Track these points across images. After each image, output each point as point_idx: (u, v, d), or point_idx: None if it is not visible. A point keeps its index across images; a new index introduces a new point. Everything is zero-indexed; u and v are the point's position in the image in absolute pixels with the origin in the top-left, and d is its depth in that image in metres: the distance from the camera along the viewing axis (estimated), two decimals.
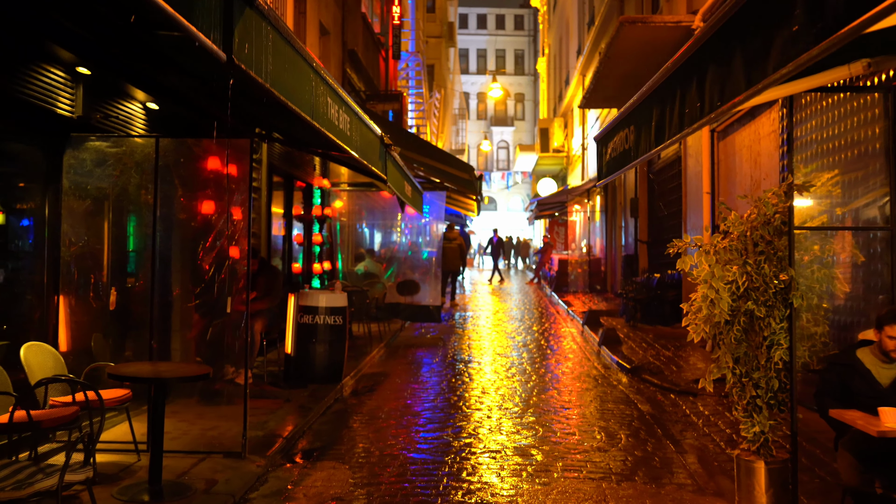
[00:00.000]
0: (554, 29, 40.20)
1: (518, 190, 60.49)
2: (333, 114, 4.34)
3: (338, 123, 4.46)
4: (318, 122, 3.95)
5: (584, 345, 12.43)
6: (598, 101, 18.04)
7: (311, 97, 3.82)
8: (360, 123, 5.15)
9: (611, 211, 21.43)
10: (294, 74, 3.58)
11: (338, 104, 4.49)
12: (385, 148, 6.19)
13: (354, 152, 4.97)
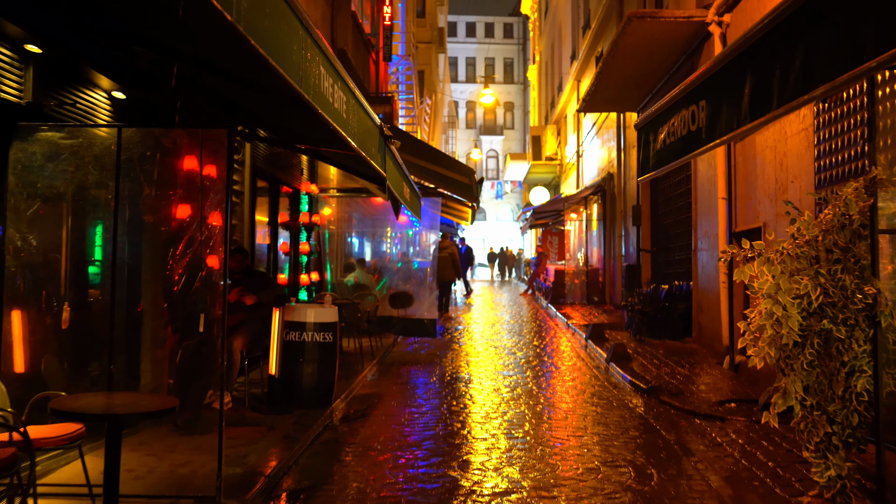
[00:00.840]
0: (545, 35, 39.56)
1: (508, 199, 59.81)
2: (328, 88, 3.52)
3: (332, 101, 3.64)
4: (309, 95, 3.13)
5: (589, 361, 11.61)
6: (597, 105, 17.30)
7: (300, 60, 3.00)
8: (357, 107, 4.34)
9: (609, 219, 20.66)
10: (277, 24, 2.76)
11: (333, 77, 3.67)
12: (385, 140, 5.38)
13: (352, 140, 4.15)
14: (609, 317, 17.19)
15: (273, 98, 4.72)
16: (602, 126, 21.61)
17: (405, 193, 7.28)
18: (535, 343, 13.82)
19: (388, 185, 5.74)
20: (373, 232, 16.04)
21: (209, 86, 5.35)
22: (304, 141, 6.43)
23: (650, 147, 5.02)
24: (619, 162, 19.24)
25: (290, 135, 6.68)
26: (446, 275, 18.00)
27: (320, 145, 6.07)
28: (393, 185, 6.07)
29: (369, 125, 4.80)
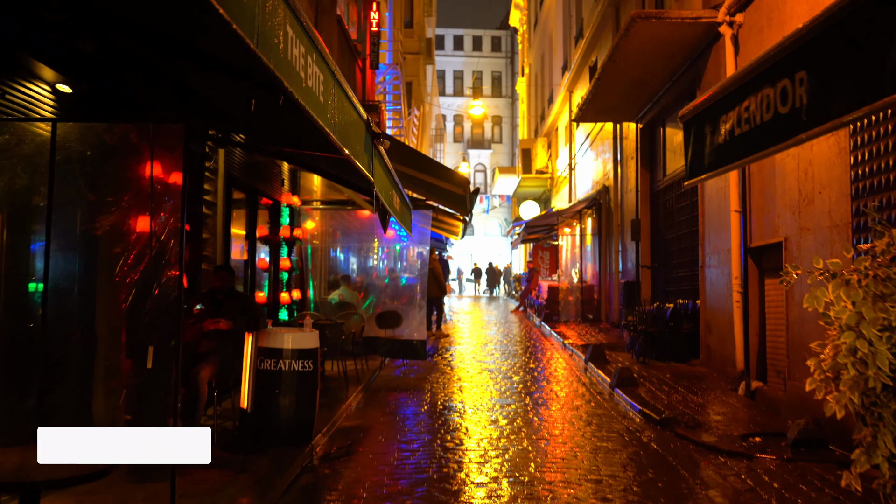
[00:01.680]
0: (535, 47, 38.96)
1: (496, 214, 59.08)
2: (297, 57, 2.70)
3: (305, 78, 2.82)
4: (269, 60, 2.31)
5: (591, 386, 10.77)
6: (594, 114, 16.57)
7: (252, 6, 2.17)
8: (338, 91, 3.52)
9: (605, 234, 19.89)
10: None
11: (306, 46, 2.85)
12: (372, 137, 4.56)
13: (332, 132, 3.32)
14: (607, 336, 16.38)
15: (238, 86, 3.89)
16: (597, 137, 20.88)
17: (395, 203, 6.45)
18: (531, 365, 12.97)
19: (377, 193, 4.92)
20: (359, 247, 15.18)
21: (162, 72, 4.52)
22: (281, 142, 5.61)
23: (705, 142, 4.18)
24: (615, 174, 18.50)
25: (265, 136, 5.86)
26: (429, 291, 17.10)
27: (298, 147, 5.25)
28: (382, 192, 5.25)
29: (353, 117, 3.98)
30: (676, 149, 14.18)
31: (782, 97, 3.28)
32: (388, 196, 5.73)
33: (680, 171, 13.59)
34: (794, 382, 8.29)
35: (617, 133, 18.34)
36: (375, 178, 4.65)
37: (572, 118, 19.87)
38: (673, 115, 14.37)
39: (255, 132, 6.95)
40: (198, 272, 7.91)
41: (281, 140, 5.65)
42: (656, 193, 15.45)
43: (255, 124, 6.00)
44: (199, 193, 7.99)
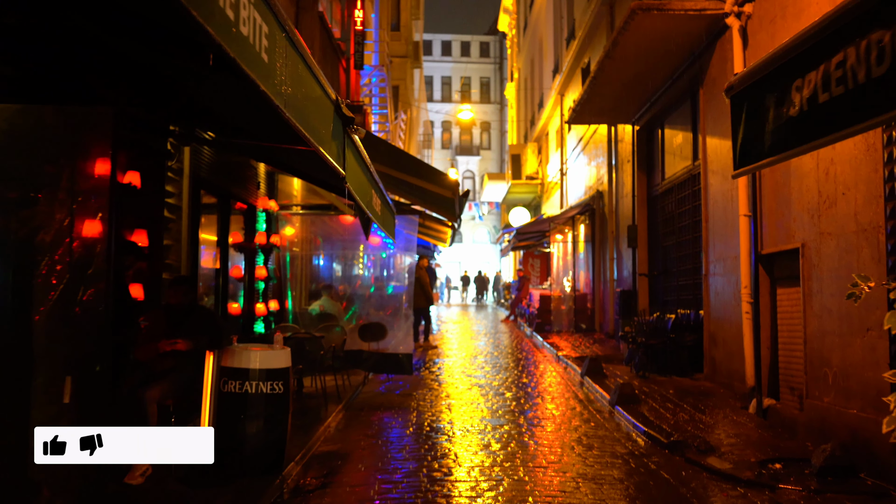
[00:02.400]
0: (524, 51, 38.36)
1: (485, 221, 58.42)
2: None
3: (235, 18, 2.09)
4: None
5: (589, 403, 10.04)
6: (588, 116, 15.89)
7: None
8: (292, 51, 2.77)
9: (599, 241, 19.20)
10: None
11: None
12: (343, 122, 3.82)
13: (280, 103, 2.58)
14: (602, 347, 15.66)
15: (173, 56, 3.15)
16: (590, 141, 20.21)
17: (375, 205, 5.70)
18: (523, 380, 12.22)
19: (350, 190, 4.18)
20: (342, 255, 14.41)
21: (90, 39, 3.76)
22: (243, 134, 4.87)
23: (766, 118, 3.40)
24: (610, 178, 17.81)
25: (226, 128, 5.12)
26: (416, 301, 16.34)
27: (260, 138, 4.52)
28: (357, 190, 4.52)
29: (316, 93, 3.25)
30: (676, 151, 13.51)
31: (879, 54, 2.50)
32: (365, 196, 4.99)
33: (682, 174, 12.92)
34: (814, 402, 7.59)
35: (612, 136, 17.67)
36: (348, 172, 3.91)
37: (565, 120, 19.20)
38: (672, 116, 13.71)
39: (219, 124, 6.20)
40: (158, 283, 7.14)
41: (243, 132, 4.93)
42: (654, 198, 14.76)
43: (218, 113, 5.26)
44: (159, 195, 7.22)
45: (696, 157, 12.26)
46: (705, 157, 11.13)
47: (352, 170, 4.06)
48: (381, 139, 9.91)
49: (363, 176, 4.80)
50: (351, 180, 4.03)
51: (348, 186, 4.01)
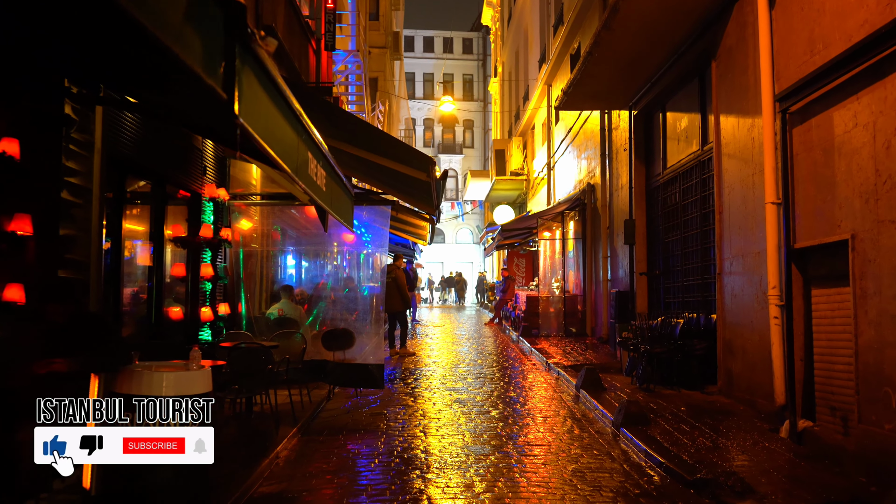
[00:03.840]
0: (508, 44, 36.99)
1: (468, 221, 57.01)
2: None
3: None
4: None
5: (589, 423, 8.60)
6: (580, 100, 14.41)
7: None
8: None
9: (591, 237, 17.77)
10: None
11: None
12: (228, 17, 2.37)
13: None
14: (597, 354, 14.23)
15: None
16: (580, 131, 18.79)
17: (313, 173, 4.21)
18: (510, 394, 10.75)
19: (252, 135, 2.70)
20: (307, 251, 12.89)
21: None
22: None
23: None
24: (603, 169, 16.39)
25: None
26: (392, 304, 14.83)
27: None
28: (271, 139, 3.04)
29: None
30: (680, 136, 12.11)
31: None
32: (291, 154, 3.51)
33: (689, 160, 11.52)
34: (869, 428, 6.19)
35: (605, 124, 16.26)
36: (246, 103, 2.45)
37: (555, 105, 17.78)
38: (675, 98, 12.30)
39: (127, 78, 4.71)
40: (56, 284, 5.62)
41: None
42: (654, 189, 13.35)
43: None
44: (54, 173, 5.70)
45: (705, 142, 10.86)
46: (718, 139, 9.72)
47: (255, 104, 2.61)
48: (335, 105, 8.33)
49: (285, 124, 3.33)
50: (252, 119, 2.57)
51: (242, 124, 2.53)
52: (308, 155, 4.04)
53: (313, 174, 4.18)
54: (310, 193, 4.16)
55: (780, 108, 7.79)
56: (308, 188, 4.07)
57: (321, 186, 4.48)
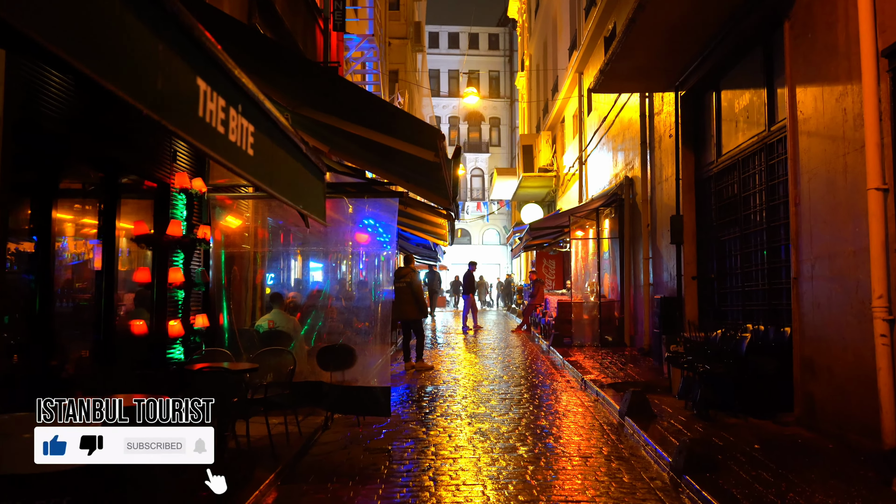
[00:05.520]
0: (536, 35, 35.32)
1: (494, 221, 55.32)
2: None
3: None
4: None
5: (643, 468, 6.91)
6: (618, 81, 12.66)
7: None
8: None
9: (629, 237, 16.04)
10: None
11: None
12: None
13: None
14: (638, 369, 12.50)
15: None
16: (615, 121, 17.08)
17: (230, 130, 2.64)
18: (542, 422, 9.05)
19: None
20: (311, 252, 11.31)
21: None
22: None
23: None
24: (643, 161, 14.67)
25: None
26: (406, 311, 13.14)
27: None
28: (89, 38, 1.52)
29: None
30: (738, 117, 10.38)
31: None
32: (154, 78, 1.96)
33: (746, 146, 9.82)
34: None
35: (645, 109, 14.55)
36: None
37: (589, 88, 16.13)
38: (732, 72, 10.59)
39: None
40: None
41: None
42: (706, 180, 11.61)
43: None
44: None
45: (772, 121, 9.15)
46: (794, 115, 8.00)
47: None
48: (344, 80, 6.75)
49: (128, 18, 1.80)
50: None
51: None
52: (198, 83, 2.48)
53: (215, 119, 2.62)
54: (204, 149, 2.59)
55: (889, 67, 6.08)
56: (199, 140, 2.50)
57: (240, 145, 2.92)
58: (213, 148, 2.74)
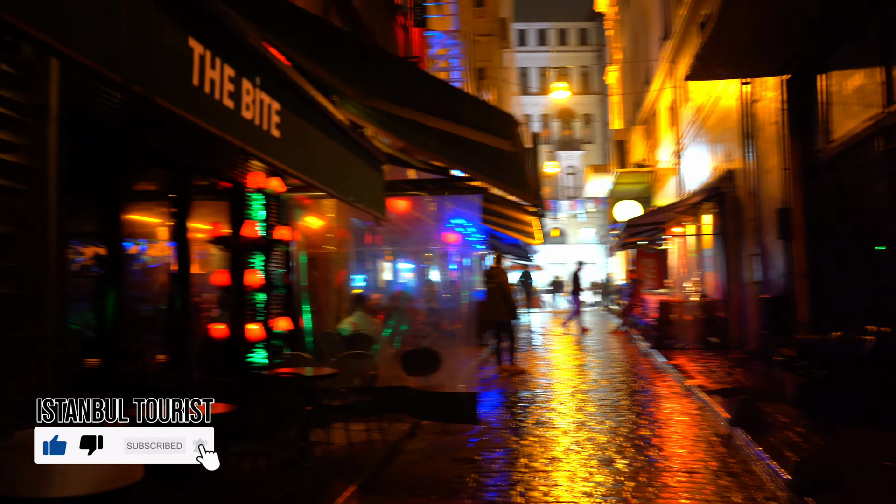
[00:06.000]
0: (627, 27, 34.33)
1: (590, 219, 54.25)
2: None
3: None
4: None
5: (753, 484, 6.25)
6: (716, 66, 11.78)
7: None
8: None
9: (732, 232, 15.13)
10: None
11: None
12: None
13: None
14: (747, 374, 11.68)
15: None
16: (713, 110, 16.19)
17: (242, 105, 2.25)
18: (642, 432, 8.41)
19: None
20: (391, 252, 10.98)
21: None
22: None
23: None
24: (745, 152, 13.78)
25: None
26: (496, 313, 12.65)
27: None
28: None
29: None
30: (852, 98, 9.49)
31: None
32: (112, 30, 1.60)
33: (862, 129, 8.94)
34: None
35: (744, 96, 13.67)
36: None
37: (685, 76, 15.33)
38: (843, 49, 9.71)
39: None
40: None
41: None
42: (817, 168, 10.71)
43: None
44: None
45: (889, 101, 8.28)
46: None
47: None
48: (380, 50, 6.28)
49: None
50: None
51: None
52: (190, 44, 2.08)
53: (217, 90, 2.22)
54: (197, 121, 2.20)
55: None
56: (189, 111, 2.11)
57: (258, 123, 2.52)
58: (214, 122, 2.35)
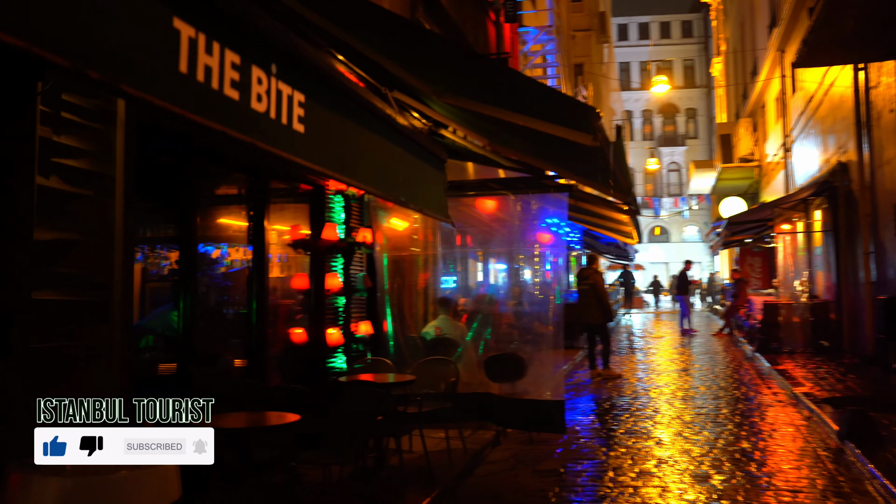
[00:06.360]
0: (732, 16, 33.05)
1: (694, 217, 52.62)
2: None
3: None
4: None
5: (864, 503, 5.68)
6: (827, 49, 11.02)
7: None
8: None
9: (845, 229, 14.19)
10: None
11: None
12: None
13: None
14: (860, 381, 10.86)
15: None
16: (824, 99, 15.24)
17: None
18: (743, 444, 7.82)
19: None
20: (478, 254, 10.72)
21: None
22: None
23: None
24: (859, 143, 12.87)
25: None
26: (590, 315, 12.25)
27: None
28: None
29: None
30: None
31: None
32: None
33: None
34: None
35: (858, 84, 12.76)
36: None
37: (793, 63, 14.48)
38: None
39: None
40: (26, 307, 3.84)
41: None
42: None
43: None
44: (24, 149, 3.92)
45: None
46: None
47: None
48: (456, 45, 6.00)
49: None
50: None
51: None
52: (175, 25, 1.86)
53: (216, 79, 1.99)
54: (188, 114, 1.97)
55: None
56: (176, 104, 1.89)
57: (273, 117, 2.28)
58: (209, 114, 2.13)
